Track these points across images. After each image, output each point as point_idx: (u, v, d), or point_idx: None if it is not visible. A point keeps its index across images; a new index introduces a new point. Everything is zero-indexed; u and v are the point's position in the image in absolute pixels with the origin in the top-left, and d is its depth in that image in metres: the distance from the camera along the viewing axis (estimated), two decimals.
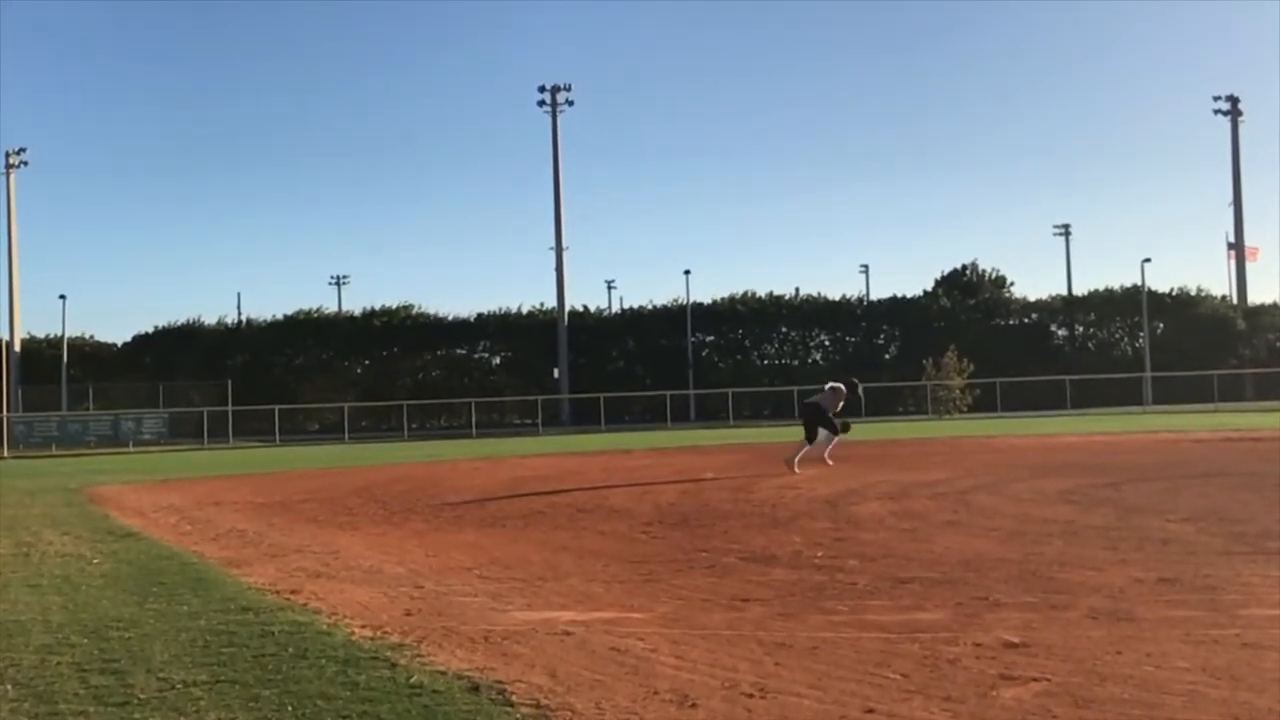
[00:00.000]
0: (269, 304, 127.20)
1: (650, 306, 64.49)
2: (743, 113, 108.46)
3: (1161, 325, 61.33)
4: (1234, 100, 66.70)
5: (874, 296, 66.44)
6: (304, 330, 63.99)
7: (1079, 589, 7.34)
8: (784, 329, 63.20)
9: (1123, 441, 25.25)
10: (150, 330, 65.52)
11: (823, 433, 18.70)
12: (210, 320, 65.61)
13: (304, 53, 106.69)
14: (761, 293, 63.59)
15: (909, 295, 63.96)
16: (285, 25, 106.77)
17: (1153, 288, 60.81)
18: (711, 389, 55.14)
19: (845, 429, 19.13)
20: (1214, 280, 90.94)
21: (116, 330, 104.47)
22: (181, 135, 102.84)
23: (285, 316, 64.92)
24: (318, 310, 66.70)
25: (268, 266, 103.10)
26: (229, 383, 50.86)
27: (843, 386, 19.24)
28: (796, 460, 18.06)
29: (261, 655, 5.89)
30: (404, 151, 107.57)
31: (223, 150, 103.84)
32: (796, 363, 61.88)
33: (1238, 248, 65.94)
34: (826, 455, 18.89)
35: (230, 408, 49.03)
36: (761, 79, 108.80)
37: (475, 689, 5.13)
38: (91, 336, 66.40)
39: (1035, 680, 5.09)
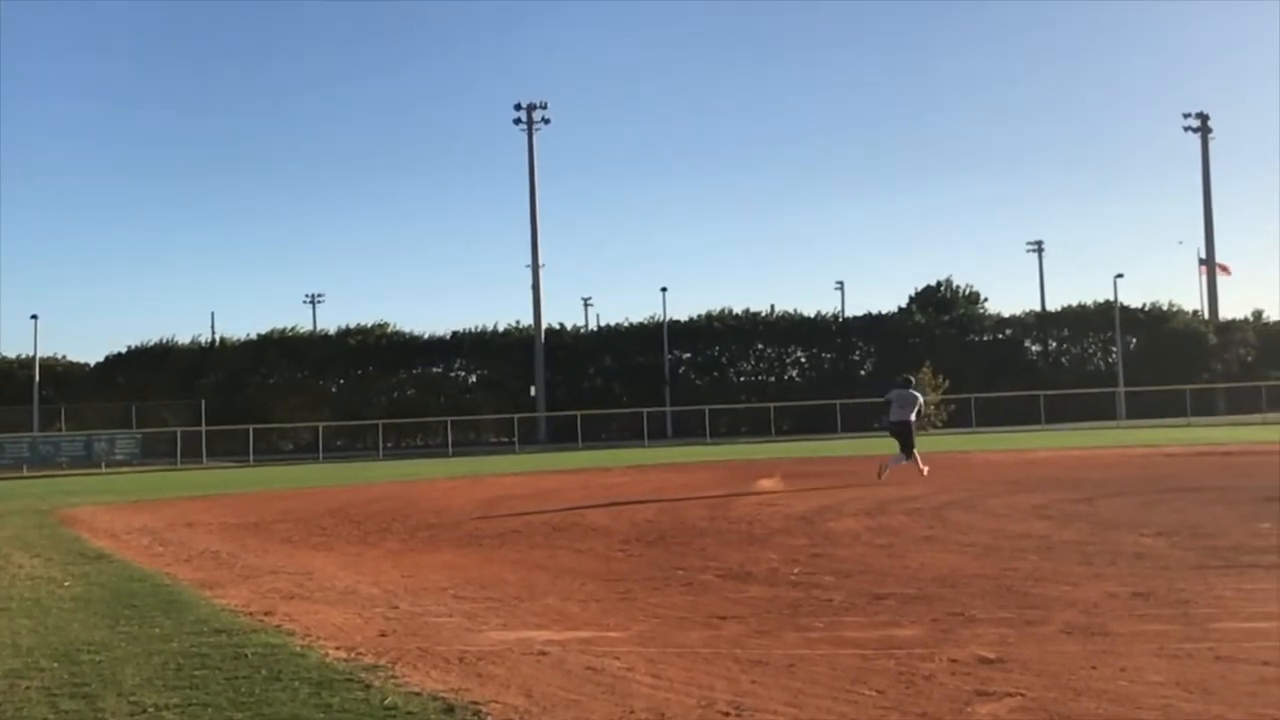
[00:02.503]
0: (243, 323, 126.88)
1: (627, 324, 64.50)
2: (718, 131, 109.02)
3: (1134, 340, 61.74)
4: (1204, 117, 67.45)
5: (849, 313, 66.72)
6: (278, 349, 63.61)
7: (1054, 604, 7.37)
8: (760, 346, 63.27)
9: (1096, 456, 25.40)
10: (123, 350, 65.08)
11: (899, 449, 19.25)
12: (184, 340, 65.27)
13: (277, 70, 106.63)
14: (738, 309, 63.73)
15: (884, 311, 64.26)
16: (259, 43, 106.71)
17: (1125, 303, 61.30)
18: (688, 406, 55.07)
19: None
20: (1186, 296, 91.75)
21: (89, 350, 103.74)
22: (154, 154, 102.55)
23: (259, 335, 64.56)
24: (292, 329, 66.33)
25: (242, 285, 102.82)
26: (202, 403, 50.45)
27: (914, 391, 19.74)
28: (922, 467, 18.77)
29: (234, 678, 5.85)
30: (379, 169, 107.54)
31: (196, 169, 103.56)
32: (773, 379, 61.98)
33: (1209, 263, 66.53)
34: (884, 471, 19.09)
35: (204, 428, 48.68)
36: (737, 99, 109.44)
37: (450, 710, 5.10)
38: (64, 356, 65.83)
39: (1010, 696, 5.10)
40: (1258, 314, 65.75)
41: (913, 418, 19.54)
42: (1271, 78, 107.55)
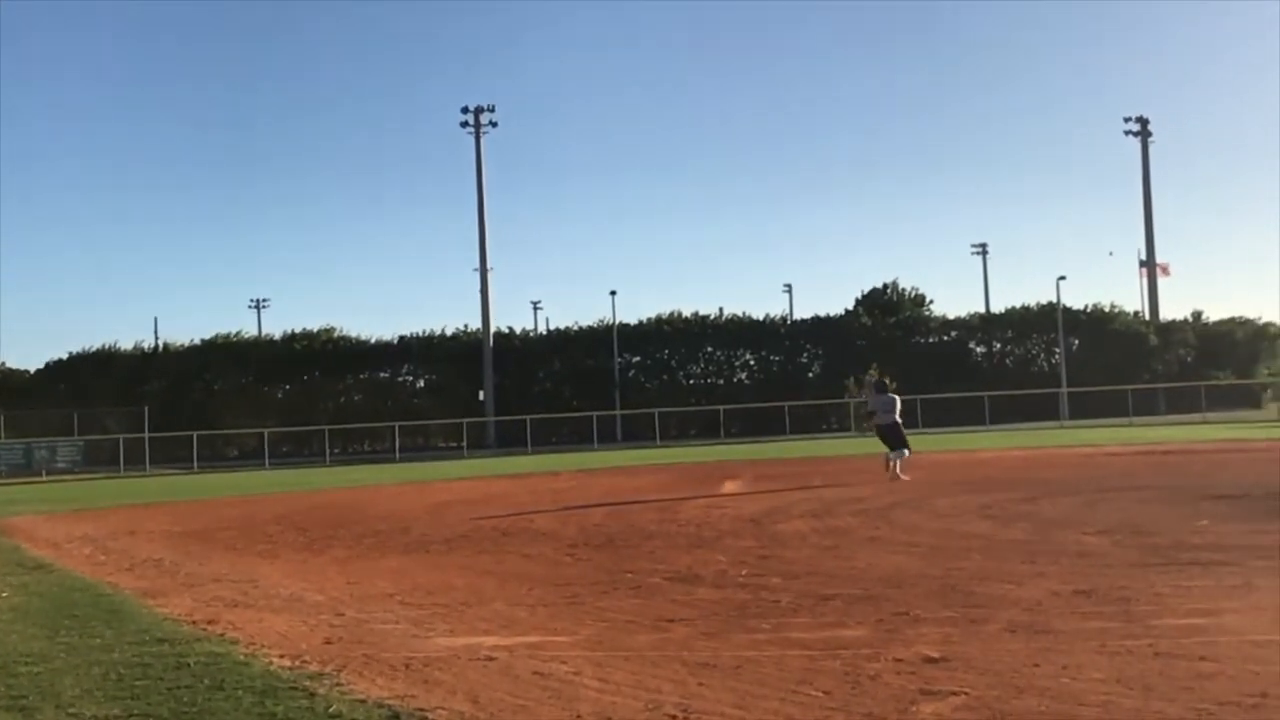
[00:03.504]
0: (187, 328, 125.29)
1: (576, 327, 64.32)
2: (665, 135, 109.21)
3: (1077, 342, 62.46)
4: (1144, 121, 68.49)
5: (797, 315, 67.09)
6: (223, 354, 62.83)
7: (997, 603, 7.45)
8: (709, 349, 63.34)
9: (1040, 456, 25.71)
10: (64, 356, 64.11)
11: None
12: (126, 345, 64.32)
13: (222, 75, 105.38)
14: (687, 313, 63.77)
15: (831, 314, 64.58)
16: (203, 49, 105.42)
17: (1068, 305, 62.01)
18: (638, 409, 55.08)
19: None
20: (1127, 297, 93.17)
21: (29, 357, 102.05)
22: (93, 157, 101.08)
23: (203, 341, 63.74)
24: (237, 334, 65.67)
25: (185, 290, 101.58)
26: (146, 409, 49.72)
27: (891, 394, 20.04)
28: (901, 473, 19.11)
29: (176, 687, 5.77)
30: (325, 172, 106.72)
31: (137, 172, 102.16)
32: (722, 382, 62.10)
33: (1149, 265, 67.54)
34: (891, 466, 19.53)
35: (147, 434, 47.98)
36: (683, 104, 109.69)
37: (396, 717, 5.07)
38: (3, 364, 64.88)
39: (954, 694, 5.15)
40: (1197, 315, 66.87)
41: (899, 418, 19.88)
42: (1208, 81, 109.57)
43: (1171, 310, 68.42)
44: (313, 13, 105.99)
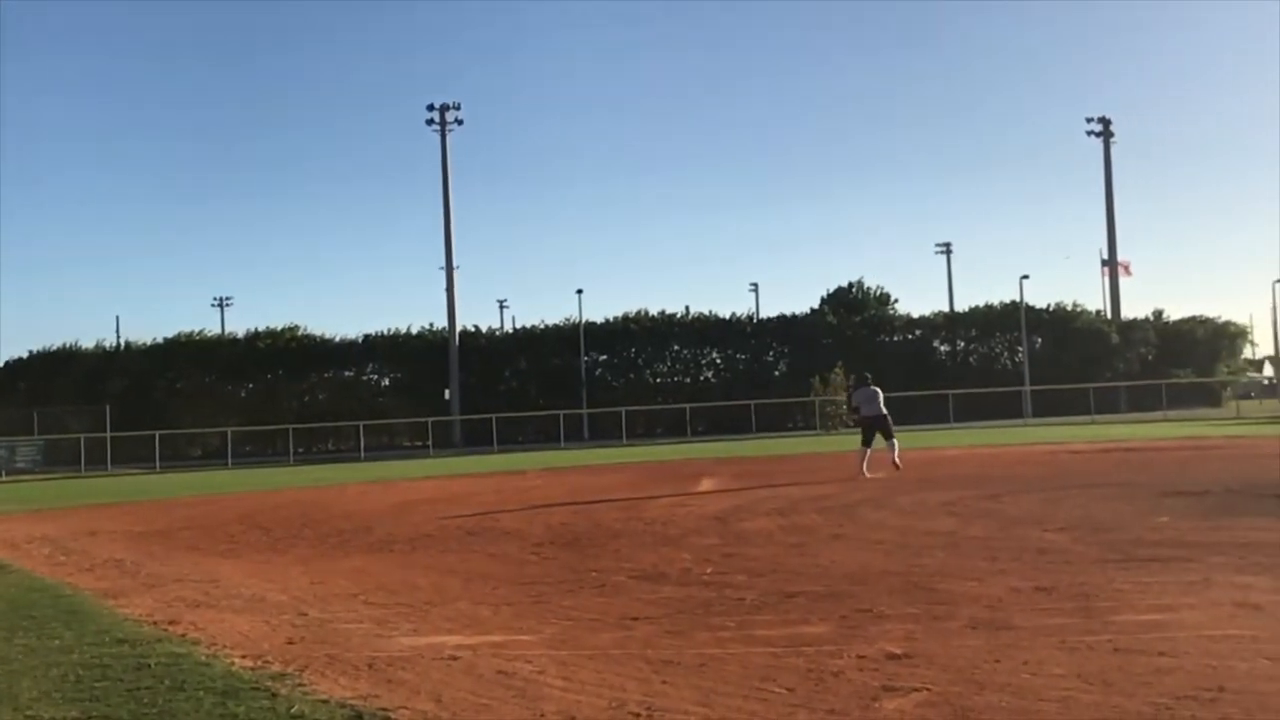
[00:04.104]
0: (149, 327, 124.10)
1: (543, 326, 64.24)
2: (633, 135, 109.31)
3: (1040, 340, 62.99)
4: (1106, 122, 69.13)
5: (763, 314, 67.25)
6: (185, 353, 62.28)
7: (960, 599, 7.50)
8: (676, 347, 63.39)
9: (1003, 454, 25.90)
10: (24, 355, 63.46)
11: (879, 438, 20.02)
12: (88, 344, 63.72)
13: (183, 68, 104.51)
14: (654, 311, 63.80)
15: (797, 313, 64.77)
16: (165, 42, 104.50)
17: (1031, 304, 62.53)
18: (605, 408, 55.07)
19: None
20: (1089, 296, 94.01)
21: None
22: (54, 154, 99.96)
23: (166, 339, 63.22)
24: (200, 333, 65.13)
25: (147, 288, 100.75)
26: (107, 408, 49.26)
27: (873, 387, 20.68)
28: (865, 468, 19.38)
29: (136, 689, 5.72)
30: (289, 169, 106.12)
31: (98, 169, 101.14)
32: (689, 380, 62.17)
33: (1111, 264, 68.15)
34: (896, 463, 19.80)
35: (109, 434, 47.54)
36: (651, 104, 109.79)
37: (359, 717, 5.05)
38: None
39: (916, 690, 5.18)
40: (1158, 313, 67.58)
41: (884, 410, 20.06)
42: (1170, 82, 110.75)
43: (1133, 309, 69.22)
44: (276, 12, 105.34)
